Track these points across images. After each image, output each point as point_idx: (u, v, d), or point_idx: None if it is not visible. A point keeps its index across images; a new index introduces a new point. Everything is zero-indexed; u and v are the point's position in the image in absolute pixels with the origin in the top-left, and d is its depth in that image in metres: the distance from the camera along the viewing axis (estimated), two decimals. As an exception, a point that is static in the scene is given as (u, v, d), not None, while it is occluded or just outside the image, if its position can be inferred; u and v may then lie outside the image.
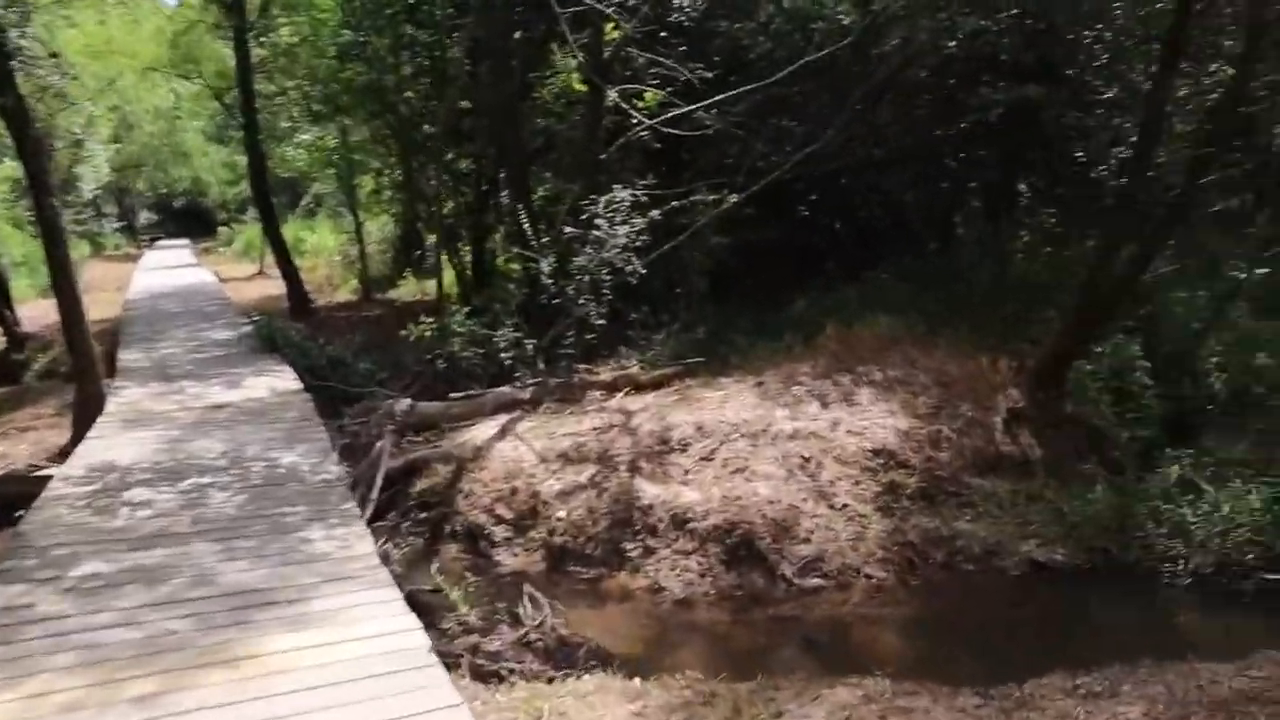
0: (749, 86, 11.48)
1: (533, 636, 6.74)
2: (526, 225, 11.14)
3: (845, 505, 8.51)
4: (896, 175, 13.90)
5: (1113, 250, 8.82)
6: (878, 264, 13.48)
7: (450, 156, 14.94)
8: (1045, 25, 11.12)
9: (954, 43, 10.98)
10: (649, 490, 8.51)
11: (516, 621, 6.93)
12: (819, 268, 13.76)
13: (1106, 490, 8.58)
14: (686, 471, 8.78)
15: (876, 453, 8.94)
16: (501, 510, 8.64)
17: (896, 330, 10.87)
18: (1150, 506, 8.17)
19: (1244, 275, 10.25)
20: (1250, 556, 7.69)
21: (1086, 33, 12.06)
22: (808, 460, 8.82)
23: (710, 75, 11.52)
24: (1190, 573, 7.67)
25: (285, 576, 5.68)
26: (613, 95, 10.95)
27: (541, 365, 10.79)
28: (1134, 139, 14.13)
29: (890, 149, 13.29)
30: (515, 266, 12.79)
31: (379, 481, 8.73)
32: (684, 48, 12.22)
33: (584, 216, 10.57)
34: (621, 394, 10.51)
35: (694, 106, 11.34)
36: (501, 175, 15.05)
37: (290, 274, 17.98)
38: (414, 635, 4.92)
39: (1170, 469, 8.99)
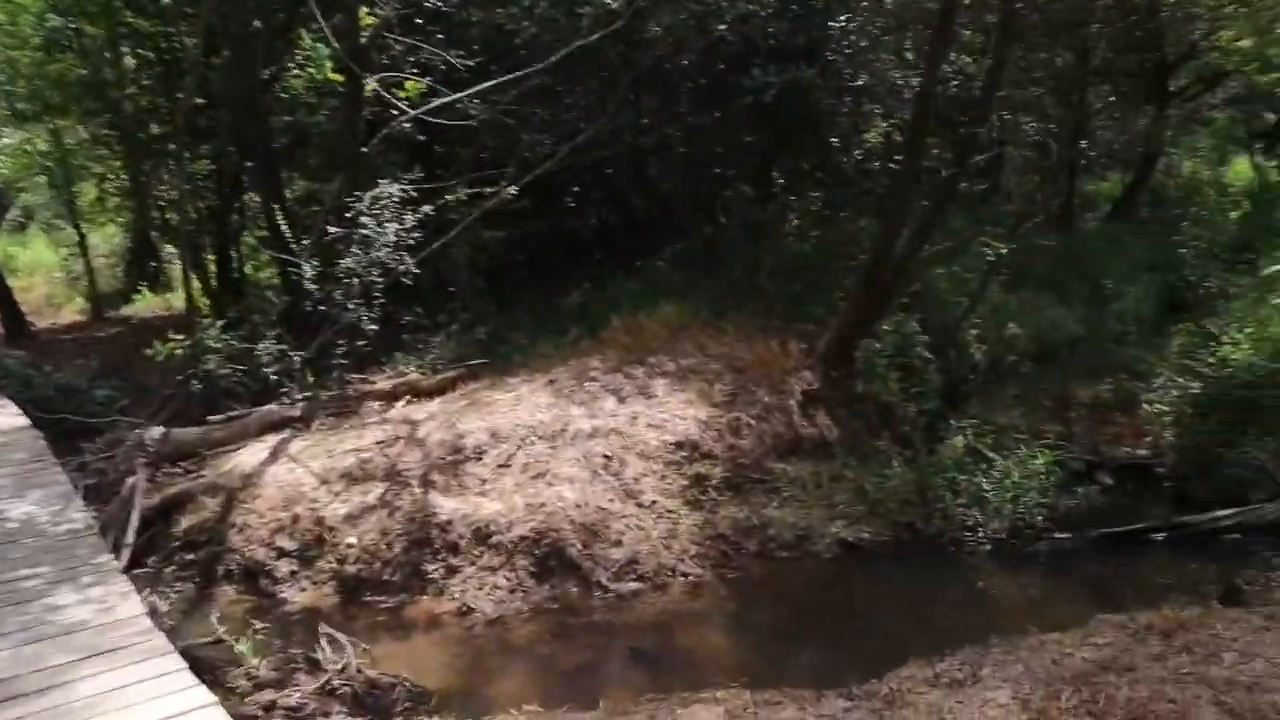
0: (514, 74, 10.91)
1: (336, 683, 5.95)
2: (284, 227, 10.09)
3: (653, 502, 8.15)
4: (666, 161, 13.70)
5: (894, 231, 8.86)
6: (652, 252, 13.24)
7: (187, 156, 13.48)
8: (809, 10, 11.16)
9: (723, 26, 10.80)
10: (446, 505, 7.83)
11: (316, 667, 6.12)
12: (593, 259, 13.37)
13: (902, 465, 8.63)
14: (484, 481, 8.15)
15: (679, 445, 8.63)
16: (283, 542, 7.70)
17: (682, 318, 10.63)
18: (947, 478, 8.26)
19: (1003, 252, 10.64)
20: (1040, 518, 7.89)
21: (838, 20, 12.23)
22: (610, 459, 8.39)
23: (472, 63, 10.85)
24: (989, 539, 7.81)
25: (32, 658, 4.61)
26: (372, 84, 10.08)
27: (311, 378, 9.80)
28: (882, 124, 14.67)
29: (659, 135, 13.05)
30: (272, 273, 11.67)
31: (134, 523, 7.62)
32: (443, 35, 11.49)
33: (348, 215, 9.65)
34: (402, 403, 9.72)
35: (458, 96, 10.64)
36: (245, 176, 13.76)
37: (2, 296, 15.79)
38: (208, 712, 4.07)
39: (955, 440, 9.18)
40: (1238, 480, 8.11)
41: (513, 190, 10.20)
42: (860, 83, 13.41)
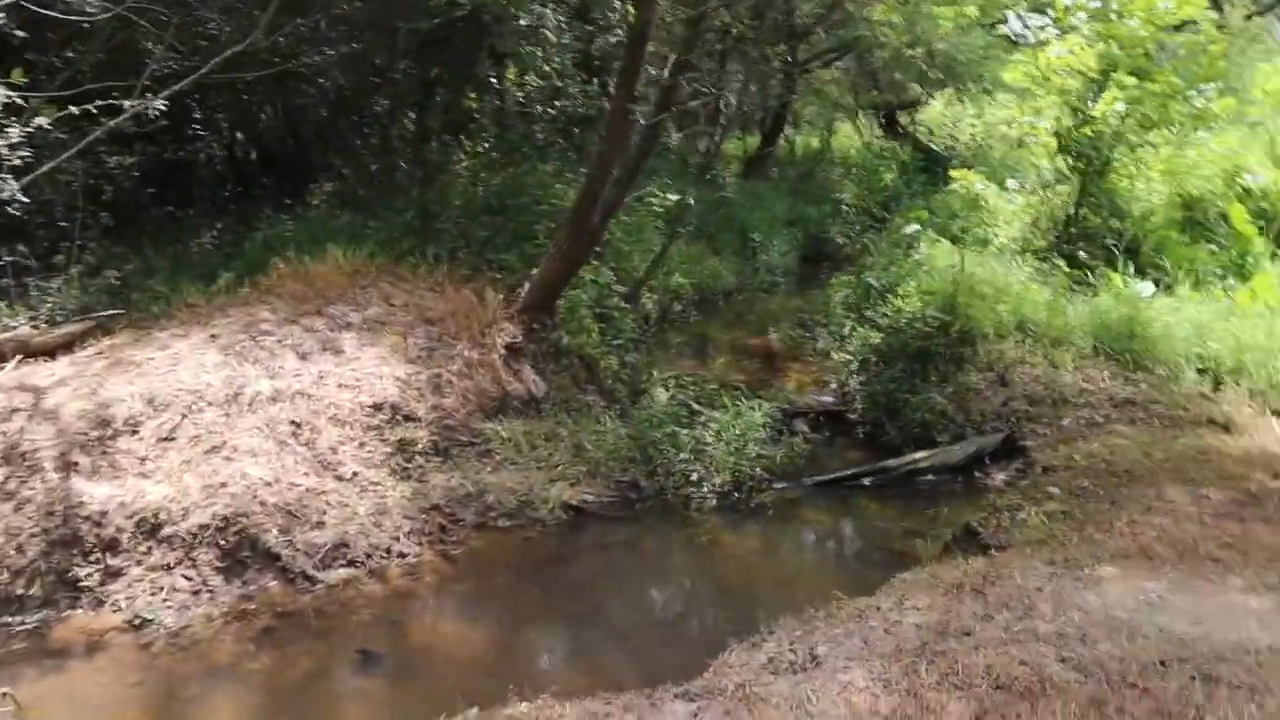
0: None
1: (-27, 746, 4.34)
2: None
3: (355, 474, 6.97)
4: (317, 89, 12.06)
5: (604, 175, 8.17)
6: (303, 189, 11.64)
7: None
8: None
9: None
10: (96, 492, 6.16)
11: (-64, 729, 4.44)
12: (237, 194, 11.56)
13: (614, 421, 8.07)
14: (144, 460, 6.51)
15: (377, 407, 7.45)
16: None
17: (355, 264, 9.27)
18: (666, 433, 7.78)
19: (690, 202, 10.37)
20: (760, 470, 7.65)
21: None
22: (299, 426, 7.07)
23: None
24: (714, 493, 7.43)
25: None
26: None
27: (-125, 333, 7.43)
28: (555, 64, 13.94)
29: (310, 58, 11.38)
30: None
31: None
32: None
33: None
34: (13, 364, 7.58)
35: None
36: None
37: None
38: None
39: (657, 392, 8.79)
40: (923, 424, 8.37)
41: (161, 106, 8.23)
42: (522, 23, 12.59)
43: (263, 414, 7.02)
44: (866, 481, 7.80)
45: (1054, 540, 5.58)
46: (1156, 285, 9.78)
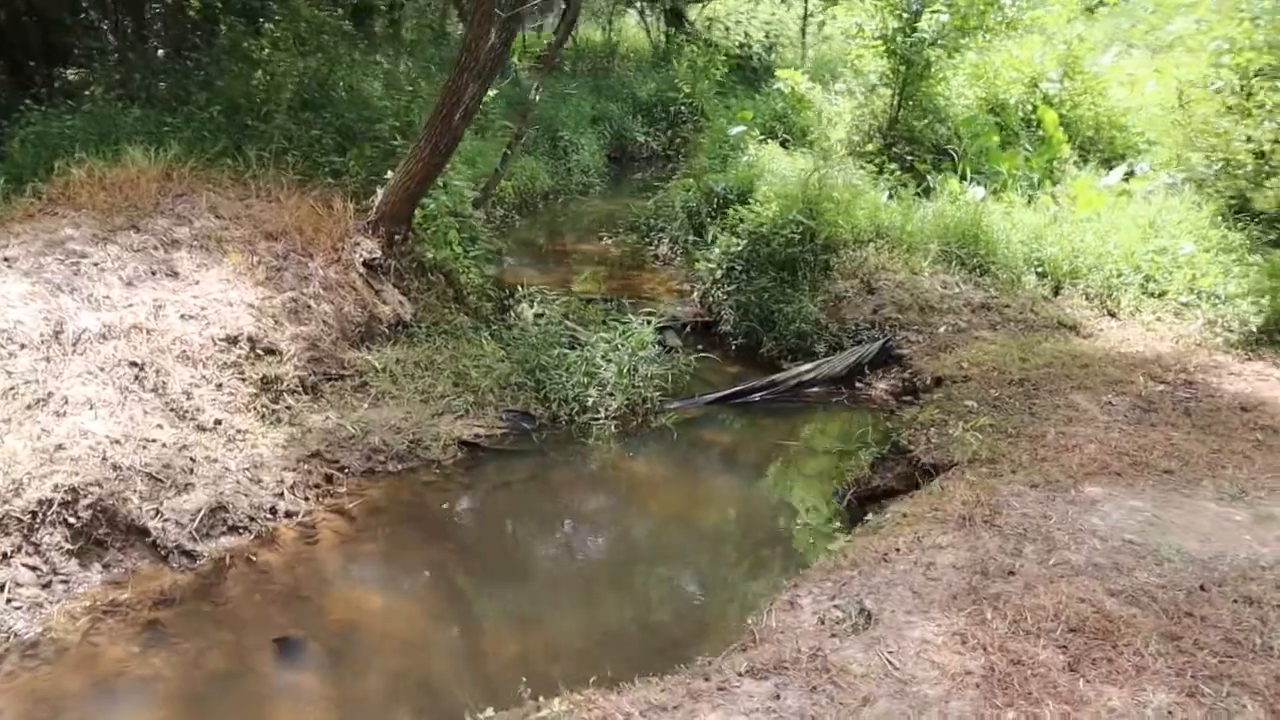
0: None
1: None
2: None
3: (218, 422, 5.74)
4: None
5: (469, 71, 7.02)
6: (51, 77, 9.55)
7: None
8: None
9: None
10: (-111, 469, 4.65)
11: None
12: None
13: (491, 344, 7.16)
14: (-52, 422, 5.01)
15: (231, 340, 6.16)
16: None
17: (163, 168, 7.62)
18: (554, 356, 6.97)
19: (535, 99, 9.32)
20: (656, 393, 7.02)
21: None
22: (142, 368, 5.71)
23: None
24: (612, 418, 6.74)
25: None
26: None
27: None
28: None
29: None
30: None
31: None
32: None
33: None
34: None
35: None
36: None
37: None
38: None
39: (523, 309, 7.91)
40: (799, 334, 7.99)
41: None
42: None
43: (94, 356, 5.60)
44: (756, 397, 7.36)
45: (1003, 457, 5.32)
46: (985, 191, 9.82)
